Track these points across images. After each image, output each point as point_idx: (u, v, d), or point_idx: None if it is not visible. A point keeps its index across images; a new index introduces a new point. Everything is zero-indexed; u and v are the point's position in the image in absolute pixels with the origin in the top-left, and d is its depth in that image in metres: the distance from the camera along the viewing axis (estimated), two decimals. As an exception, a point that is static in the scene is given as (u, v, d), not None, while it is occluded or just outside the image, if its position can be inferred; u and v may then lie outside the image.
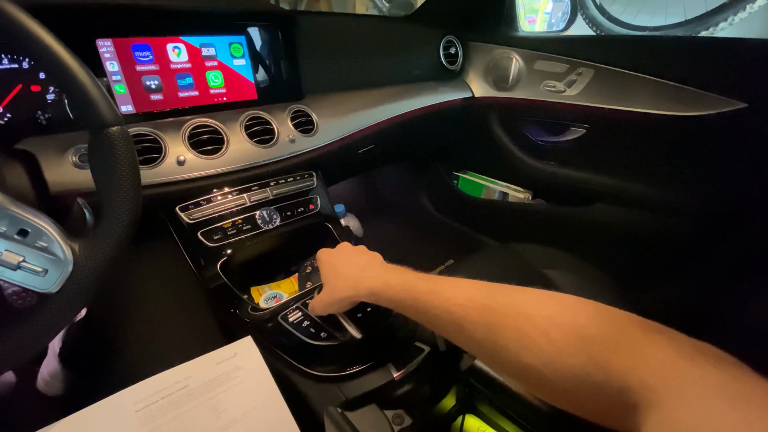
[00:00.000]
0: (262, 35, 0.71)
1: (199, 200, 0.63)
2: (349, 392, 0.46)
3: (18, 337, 0.34)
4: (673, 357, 0.23)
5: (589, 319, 0.28)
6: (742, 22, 1.24)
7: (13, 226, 0.33)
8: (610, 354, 0.25)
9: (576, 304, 0.30)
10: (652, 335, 0.25)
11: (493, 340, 0.32)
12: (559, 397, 0.29)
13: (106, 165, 0.37)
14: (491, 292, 0.35)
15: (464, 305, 0.35)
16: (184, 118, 0.62)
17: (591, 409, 0.28)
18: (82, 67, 0.35)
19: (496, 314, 0.32)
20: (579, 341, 0.27)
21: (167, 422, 0.40)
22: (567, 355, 0.27)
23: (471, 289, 0.36)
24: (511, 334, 0.31)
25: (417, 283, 0.40)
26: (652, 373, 0.23)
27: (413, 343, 0.53)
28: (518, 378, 0.32)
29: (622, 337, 0.26)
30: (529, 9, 1.86)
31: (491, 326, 0.32)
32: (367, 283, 0.45)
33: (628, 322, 0.27)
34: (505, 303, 0.33)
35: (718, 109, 0.75)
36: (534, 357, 0.29)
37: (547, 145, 1.07)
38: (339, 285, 0.47)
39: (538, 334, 0.29)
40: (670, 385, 0.21)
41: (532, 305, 0.32)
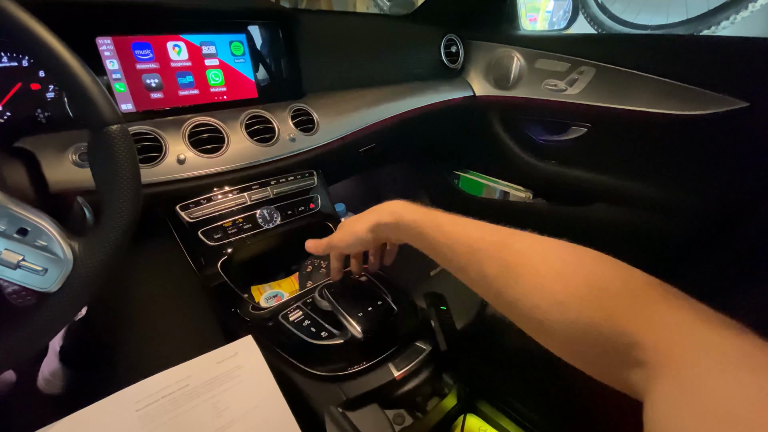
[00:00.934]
0: (262, 33, 0.70)
1: (200, 199, 0.62)
2: (350, 392, 0.46)
3: (18, 336, 0.34)
4: (692, 320, 0.22)
5: (607, 272, 0.28)
6: (743, 20, 1.24)
7: (12, 224, 0.33)
8: (624, 308, 0.25)
9: (596, 255, 0.30)
10: (671, 298, 0.24)
11: (506, 277, 0.32)
12: (561, 345, 0.29)
13: (106, 164, 0.37)
14: (511, 233, 0.35)
15: (483, 239, 0.35)
16: (185, 116, 0.62)
17: (591, 360, 0.27)
18: (81, 66, 0.35)
19: (513, 252, 0.32)
20: (593, 290, 0.27)
21: (168, 421, 0.40)
22: (578, 301, 0.27)
23: (492, 227, 0.36)
24: (525, 272, 0.31)
25: (439, 215, 0.41)
26: (667, 333, 0.22)
27: (414, 342, 0.53)
28: (522, 320, 0.31)
29: (639, 294, 0.25)
30: (530, 7, 1.85)
31: (507, 263, 0.32)
32: (389, 206, 0.45)
33: (647, 281, 0.26)
34: (524, 243, 0.33)
35: (719, 108, 0.75)
36: (545, 298, 0.29)
37: (548, 144, 1.07)
38: (358, 218, 0.47)
39: (553, 276, 0.29)
40: (689, 348, 0.21)
41: (552, 249, 0.32)
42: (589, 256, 0.30)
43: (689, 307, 0.23)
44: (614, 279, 0.27)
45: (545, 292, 0.29)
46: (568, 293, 0.28)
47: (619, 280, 0.27)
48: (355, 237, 0.48)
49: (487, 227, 0.37)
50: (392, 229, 0.45)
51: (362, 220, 0.47)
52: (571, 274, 0.29)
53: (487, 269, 0.34)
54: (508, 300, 0.32)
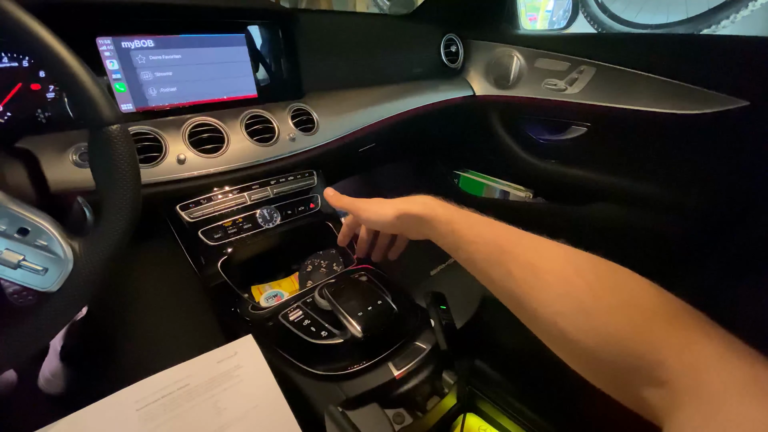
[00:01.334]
0: (262, 33, 0.70)
1: (200, 199, 0.63)
2: (350, 391, 0.46)
3: (18, 336, 0.34)
4: (724, 351, 0.22)
5: (642, 290, 0.28)
6: (744, 19, 1.24)
7: (13, 224, 0.33)
8: (656, 326, 0.25)
9: (630, 274, 0.30)
10: (705, 326, 0.24)
11: (533, 281, 0.31)
12: (578, 356, 0.29)
13: (106, 163, 0.37)
14: (545, 240, 0.35)
15: (514, 241, 0.35)
16: (185, 116, 0.62)
17: (609, 374, 0.27)
18: (82, 66, 0.35)
19: (545, 258, 0.32)
20: (624, 305, 0.27)
21: (168, 421, 0.40)
22: (607, 312, 0.27)
23: (524, 232, 0.36)
24: (555, 279, 0.30)
25: (470, 213, 0.41)
26: (698, 359, 0.22)
27: (414, 342, 0.53)
28: (542, 327, 0.31)
29: (673, 316, 0.25)
30: (530, 7, 1.85)
31: (536, 268, 0.32)
32: (421, 199, 0.44)
33: (682, 306, 0.26)
34: (557, 251, 0.33)
35: (720, 107, 0.75)
36: (571, 306, 0.28)
37: (548, 143, 1.07)
38: (389, 202, 0.47)
39: (584, 286, 0.29)
40: (717, 377, 0.21)
41: (585, 261, 0.31)
42: (624, 272, 0.30)
43: (722, 337, 0.23)
44: (649, 297, 0.27)
45: (572, 300, 0.28)
46: (597, 303, 0.27)
47: (653, 298, 0.27)
48: (379, 216, 0.47)
49: (519, 231, 0.37)
50: (417, 221, 0.44)
51: (392, 204, 0.46)
52: (603, 287, 0.28)
53: (513, 271, 0.33)
54: (531, 305, 0.31)
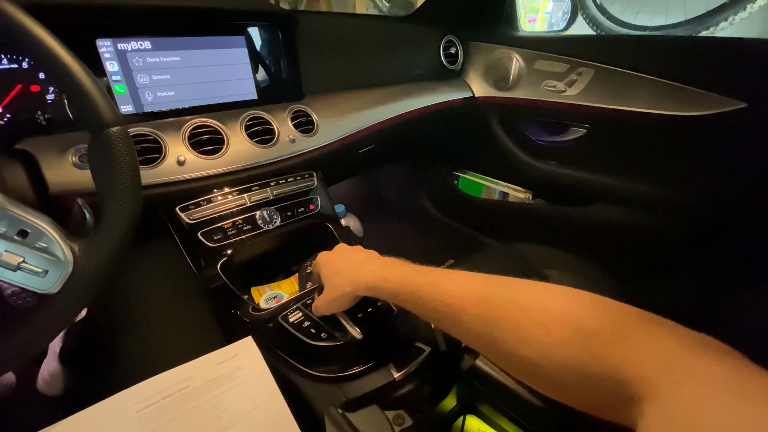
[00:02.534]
0: (262, 35, 0.71)
1: (200, 200, 0.63)
2: (350, 393, 0.46)
3: (18, 338, 0.34)
4: (672, 349, 0.22)
5: (586, 312, 0.28)
6: (742, 21, 1.24)
7: (12, 226, 0.33)
8: (607, 346, 0.25)
9: (573, 295, 0.30)
10: (650, 327, 0.25)
11: (491, 333, 0.32)
12: (557, 390, 0.29)
13: (106, 165, 0.37)
14: (488, 285, 0.35)
15: (462, 297, 0.35)
16: (184, 118, 0.62)
17: (589, 401, 0.27)
18: (81, 68, 0.35)
19: (493, 307, 0.32)
20: (576, 334, 0.27)
21: (168, 422, 0.40)
22: (564, 347, 0.27)
23: (468, 281, 0.36)
24: (508, 326, 0.31)
25: (414, 276, 0.40)
26: (650, 365, 0.22)
27: (414, 343, 0.53)
28: (516, 371, 0.32)
29: (619, 329, 0.26)
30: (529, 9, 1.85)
31: (489, 319, 0.32)
32: (365, 278, 0.45)
33: (624, 313, 0.27)
34: (502, 295, 0.33)
35: (718, 109, 0.75)
36: (531, 349, 0.29)
37: (547, 144, 1.07)
38: (338, 282, 0.47)
39: (535, 327, 0.29)
40: (670, 377, 0.21)
41: (529, 297, 0.31)
42: (566, 296, 0.30)
43: (669, 334, 0.23)
44: (594, 317, 0.27)
45: (531, 344, 0.29)
46: (551, 340, 0.28)
47: (598, 316, 0.27)
48: (337, 305, 0.49)
49: (464, 282, 0.36)
50: (373, 295, 0.46)
51: (341, 289, 0.47)
52: (551, 320, 0.29)
53: (471, 327, 0.34)
54: (498, 354, 0.32)
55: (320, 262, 0.53)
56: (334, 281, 0.48)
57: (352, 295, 0.47)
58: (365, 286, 0.45)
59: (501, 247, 1.09)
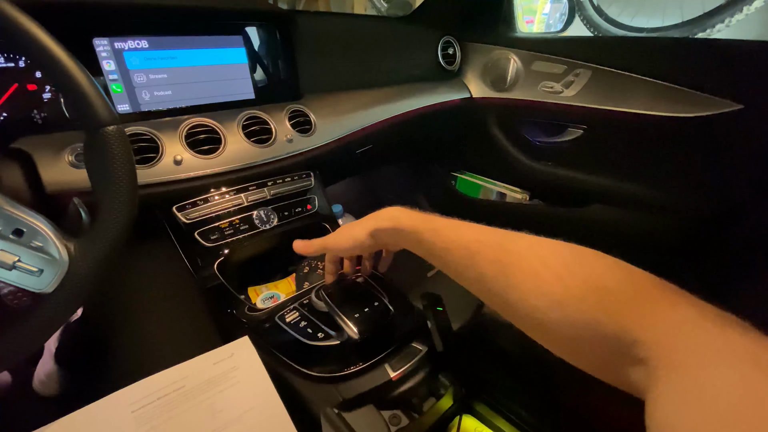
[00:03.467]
0: (260, 35, 0.70)
1: (196, 200, 0.62)
2: (346, 393, 0.46)
3: (13, 338, 0.34)
4: (694, 318, 0.22)
5: (607, 271, 0.28)
6: (739, 23, 1.25)
7: (8, 225, 0.33)
8: (625, 307, 0.25)
9: (594, 255, 0.30)
10: (672, 295, 0.24)
11: (505, 279, 0.32)
12: (560, 345, 0.29)
13: (102, 164, 0.37)
14: (508, 234, 0.35)
15: (480, 241, 0.35)
16: (181, 117, 0.62)
17: (591, 359, 0.27)
18: (78, 66, 0.35)
19: (511, 254, 0.32)
20: (593, 289, 0.27)
21: (163, 423, 0.40)
22: (579, 300, 0.27)
23: (489, 230, 0.36)
24: (523, 275, 0.30)
25: (436, 218, 0.41)
26: (668, 331, 0.22)
27: (410, 343, 0.53)
28: (522, 321, 0.31)
29: (639, 293, 0.25)
30: (527, 10, 1.86)
31: (505, 265, 0.32)
32: (387, 212, 0.45)
33: (647, 279, 0.26)
34: (521, 245, 0.33)
35: (714, 111, 0.76)
36: (545, 299, 0.29)
37: (544, 145, 1.08)
38: (357, 223, 0.47)
39: (552, 277, 0.29)
40: (691, 347, 0.20)
41: (550, 250, 0.31)
42: (588, 254, 0.30)
43: (691, 305, 0.23)
44: (615, 277, 0.27)
45: (544, 293, 0.29)
46: (567, 293, 0.28)
47: (619, 278, 0.27)
48: (353, 240, 0.47)
49: (484, 230, 0.37)
50: (391, 234, 0.44)
51: (361, 225, 0.46)
52: (570, 274, 0.28)
53: (485, 272, 0.33)
54: (507, 302, 0.32)
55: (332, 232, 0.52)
56: (351, 225, 0.48)
57: (372, 228, 0.45)
58: (389, 217, 0.44)
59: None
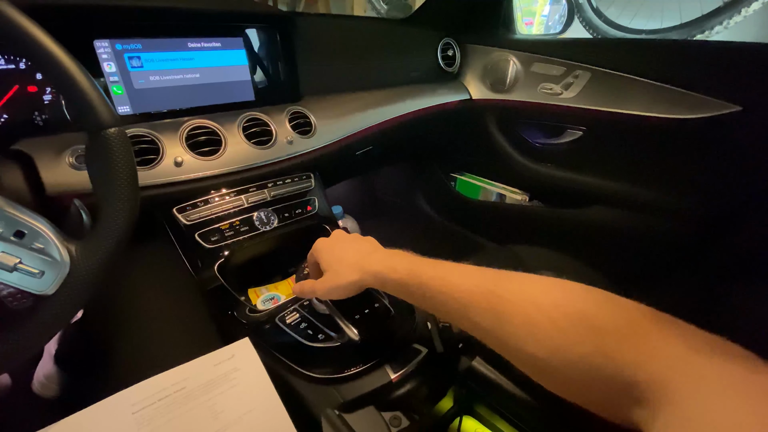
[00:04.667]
0: (260, 37, 0.71)
1: (197, 202, 0.62)
2: (347, 394, 0.46)
3: (14, 339, 0.34)
4: (685, 351, 0.22)
5: (599, 309, 0.28)
6: (737, 25, 1.25)
7: (9, 227, 0.33)
8: (619, 345, 0.25)
9: (585, 292, 0.30)
10: (663, 327, 0.24)
11: (500, 328, 0.31)
12: (564, 388, 0.29)
13: (103, 166, 0.37)
14: (499, 279, 0.34)
15: (471, 291, 0.34)
16: (182, 119, 0.62)
17: (596, 400, 0.27)
18: (79, 68, 0.35)
19: (503, 301, 0.32)
20: (587, 331, 0.27)
21: (164, 424, 0.40)
22: (574, 344, 0.27)
23: (478, 275, 0.36)
24: (518, 321, 0.30)
25: (423, 268, 0.40)
26: (662, 367, 0.22)
27: (411, 344, 0.53)
28: (525, 367, 0.31)
29: (631, 329, 0.25)
30: (526, 12, 1.87)
31: (498, 313, 0.32)
32: (372, 267, 0.44)
33: (638, 312, 0.26)
34: (512, 290, 0.32)
35: (713, 112, 0.76)
36: (541, 345, 0.28)
37: (544, 147, 1.08)
38: (343, 270, 0.46)
39: (545, 322, 0.29)
40: (683, 380, 0.21)
41: (541, 292, 0.31)
42: (579, 293, 0.30)
43: (680, 335, 0.23)
44: (606, 315, 0.27)
45: (541, 340, 0.28)
46: (563, 338, 0.27)
47: (611, 314, 0.27)
48: (339, 293, 0.47)
49: (474, 275, 0.36)
50: (379, 288, 0.45)
51: (346, 278, 0.45)
52: (563, 317, 0.28)
53: (479, 321, 0.33)
54: (508, 349, 0.32)
55: (320, 248, 0.50)
56: (338, 269, 0.46)
57: (358, 285, 0.45)
58: (373, 275, 0.43)
59: (498, 248, 1.10)
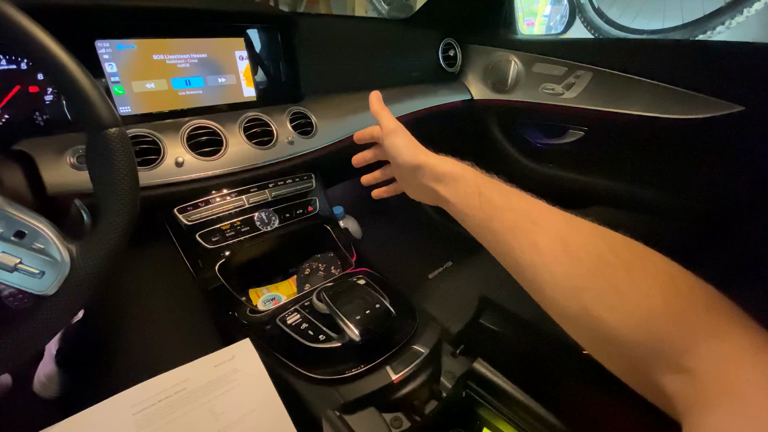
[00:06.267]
0: (261, 37, 0.71)
1: (198, 202, 0.62)
2: (348, 395, 0.46)
3: (14, 340, 0.34)
4: (764, 345, 0.21)
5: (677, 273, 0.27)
6: (739, 25, 1.25)
7: (9, 227, 0.33)
8: (691, 312, 0.24)
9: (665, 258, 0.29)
10: (740, 316, 0.24)
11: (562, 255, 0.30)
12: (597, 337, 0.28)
13: (104, 166, 0.37)
14: (573, 216, 0.34)
15: (544, 214, 0.34)
16: (183, 119, 0.62)
17: (626, 360, 0.27)
18: (80, 69, 0.35)
19: (577, 232, 0.31)
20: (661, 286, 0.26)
21: (165, 425, 0.40)
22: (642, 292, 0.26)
23: (552, 207, 0.36)
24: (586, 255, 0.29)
25: (497, 180, 0.41)
26: (730, 352, 0.22)
27: (412, 346, 0.53)
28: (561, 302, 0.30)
29: (710, 302, 0.25)
30: (527, 12, 1.86)
31: (565, 242, 0.31)
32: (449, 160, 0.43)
33: (715, 292, 0.26)
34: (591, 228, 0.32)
35: (715, 113, 0.76)
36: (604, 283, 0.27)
37: (545, 147, 1.08)
38: (418, 150, 0.46)
39: (618, 264, 0.28)
40: (753, 376, 0.20)
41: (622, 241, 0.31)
42: (661, 256, 0.29)
43: (758, 331, 0.23)
44: (687, 282, 0.26)
45: (604, 279, 0.28)
46: (632, 283, 0.27)
47: (691, 284, 0.26)
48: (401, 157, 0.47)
49: (549, 206, 0.36)
50: (440, 178, 0.42)
51: (415, 154, 0.45)
52: (640, 268, 0.28)
53: (541, 243, 0.32)
54: (553, 278, 0.30)
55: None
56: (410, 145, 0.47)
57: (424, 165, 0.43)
58: (451, 163, 0.43)
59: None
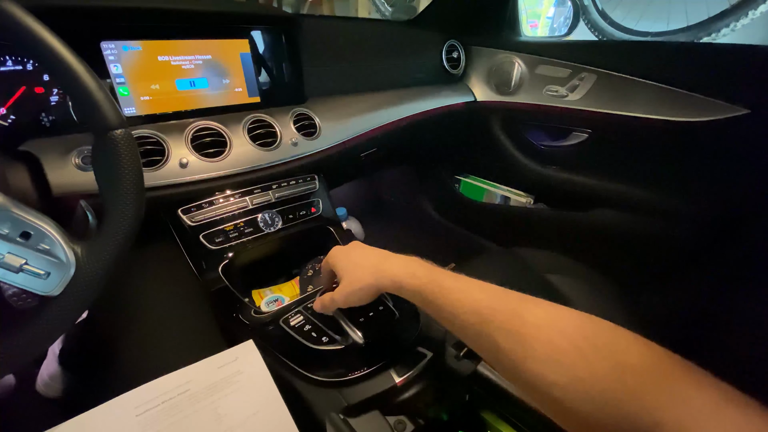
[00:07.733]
0: (265, 39, 0.71)
1: (202, 203, 0.63)
2: (351, 398, 0.46)
3: (19, 340, 0.34)
4: (716, 400, 0.22)
5: (629, 347, 0.27)
6: (744, 28, 1.25)
7: (15, 228, 0.33)
8: (647, 386, 0.24)
9: (614, 329, 0.29)
10: (694, 375, 0.24)
11: (521, 350, 0.30)
12: (579, 424, 0.28)
13: (109, 167, 0.37)
14: (524, 301, 0.33)
15: (493, 308, 0.33)
16: (187, 120, 0.62)
17: None
18: (86, 70, 0.35)
19: (527, 324, 0.31)
20: (615, 366, 0.26)
21: (168, 426, 0.39)
22: (600, 377, 0.26)
23: (501, 294, 0.35)
24: (541, 346, 0.29)
25: (443, 278, 0.39)
26: (694, 413, 0.22)
27: (416, 348, 0.52)
28: (539, 397, 0.30)
29: (661, 371, 0.25)
30: (531, 14, 1.86)
31: (521, 335, 0.30)
32: (391, 270, 0.43)
33: (669, 357, 0.26)
34: (538, 314, 0.31)
35: (720, 115, 0.75)
36: (563, 374, 0.27)
37: (549, 149, 1.07)
38: (360, 275, 0.45)
39: (572, 351, 0.28)
40: (711, 429, 0.21)
41: (569, 322, 0.30)
42: (607, 328, 0.29)
43: (712, 386, 0.23)
44: (638, 356, 0.26)
45: (565, 369, 0.28)
46: (588, 369, 0.27)
47: (641, 354, 0.26)
48: (356, 297, 0.47)
49: (497, 294, 0.35)
50: (395, 292, 0.44)
51: (363, 281, 0.45)
52: (591, 348, 0.27)
53: (499, 342, 0.32)
54: (524, 376, 0.30)
55: (336, 255, 0.50)
56: (354, 274, 0.46)
57: (375, 288, 0.45)
58: (391, 279, 0.43)
59: (502, 251, 1.09)
